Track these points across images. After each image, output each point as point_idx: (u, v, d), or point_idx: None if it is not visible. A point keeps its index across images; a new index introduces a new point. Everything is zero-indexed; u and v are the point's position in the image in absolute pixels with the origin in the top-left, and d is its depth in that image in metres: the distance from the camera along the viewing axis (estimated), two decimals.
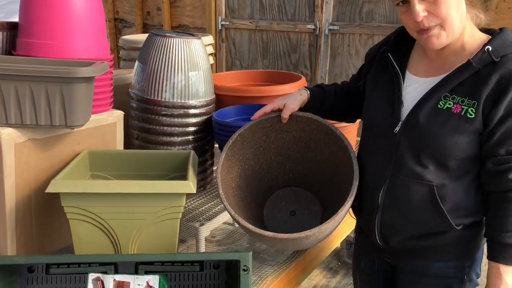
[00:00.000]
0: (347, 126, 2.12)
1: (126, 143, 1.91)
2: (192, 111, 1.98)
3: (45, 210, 1.62)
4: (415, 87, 1.46)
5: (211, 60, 2.50)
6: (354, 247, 1.79)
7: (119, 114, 1.81)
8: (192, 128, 2.00)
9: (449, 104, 1.38)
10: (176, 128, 1.97)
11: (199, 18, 4.60)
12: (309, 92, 1.71)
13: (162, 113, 1.94)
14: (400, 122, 1.44)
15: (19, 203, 1.54)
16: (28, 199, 1.56)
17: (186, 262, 1.41)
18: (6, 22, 1.81)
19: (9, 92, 1.45)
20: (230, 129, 1.85)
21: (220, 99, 2.20)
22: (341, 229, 1.92)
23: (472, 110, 1.35)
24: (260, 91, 2.30)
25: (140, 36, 2.80)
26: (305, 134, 1.72)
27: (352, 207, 1.63)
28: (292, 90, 2.00)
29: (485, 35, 1.42)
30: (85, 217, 1.44)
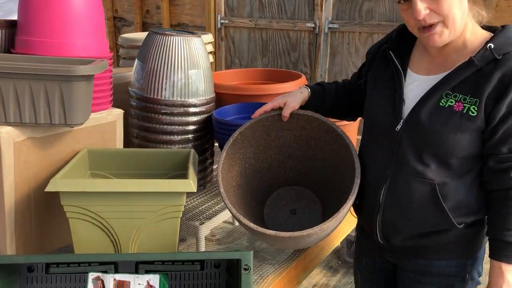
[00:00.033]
0: (347, 125, 2.12)
1: (125, 141, 1.90)
2: (192, 109, 1.97)
3: (44, 209, 1.61)
4: (417, 85, 1.45)
5: (210, 59, 2.49)
6: (355, 245, 1.79)
7: (119, 112, 1.80)
8: (192, 127, 1.99)
9: (451, 102, 1.37)
10: (176, 126, 1.96)
11: (199, 17, 4.59)
12: (309, 90, 1.70)
13: (162, 111, 1.93)
14: (402, 120, 1.44)
15: (19, 202, 1.53)
16: (27, 198, 1.56)
17: (186, 261, 1.40)
18: (5, 20, 1.80)
19: (8, 90, 1.44)
20: (230, 127, 1.84)
21: (220, 97, 2.19)
22: (342, 228, 1.91)
23: (474, 108, 1.35)
24: (260, 89, 2.29)
25: (140, 35, 2.79)
26: (306, 133, 1.71)
27: (353, 206, 1.62)
28: (292, 89, 1.99)
29: (487, 32, 1.41)
30: (85, 216, 1.44)
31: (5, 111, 1.46)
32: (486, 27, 1.44)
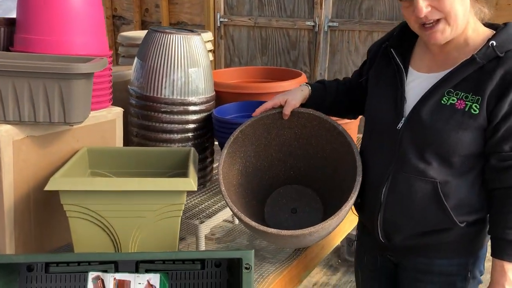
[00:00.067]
0: (348, 123, 2.11)
1: (125, 140, 1.89)
2: (192, 108, 1.96)
3: (44, 208, 1.60)
4: (418, 82, 1.44)
5: (210, 57, 2.49)
6: (356, 244, 1.78)
7: (119, 111, 1.80)
8: (192, 125, 1.98)
9: (453, 100, 1.37)
10: (176, 125, 1.95)
11: (198, 15, 4.58)
12: (310, 88, 1.69)
13: (162, 110, 1.92)
14: (403, 118, 1.43)
15: (18, 201, 1.52)
16: (26, 197, 1.55)
17: (187, 261, 1.39)
18: (4, 18, 1.79)
19: (7, 88, 1.43)
20: (230, 126, 1.84)
21: (220, 96, 2.18)
22: (342, 226, 1.91)
23: (476, 106, 1.34)
24: (260, 88, 2.29)
25: (139, 33, 2.78)
26: (307, 131, 1.70)
27: (355, 204, 1.62)
28: (292, 87, 1.98)
29: (489, 30, 1.41)
30: (85, 215, 1.43)
31: (4, 110, 1.46)
32: (488, 25, 1.43)
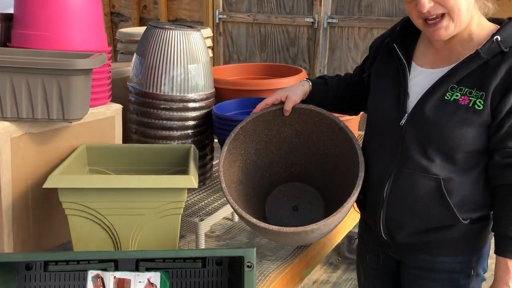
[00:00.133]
0: (349, 119, 2.09)
1: (124, 137, 1.88)
2: (192, 104, 1.94)
3: (42, 206, 1.59)
4: (421, 78, 1.43)
5: (210, 54, 2.47)
6: (358, 241, 1.77)
7: (118, 107, 1.78)
8: (192, 122, 1.97)
9: (456, 96, 1.35)
10: (175, 122, 1.94)
11: (196, 12, 4.55)
12: (311, 84, 1.67)
13: (161, 107, 1.91)
14: (406, 114, 1.42)
15: (16, 199, 1.51)
16: (25, 195, 1.54)
17: (188, 259, 1.38)
18: (1, 13, 1.77)
19: (5, 84, 1.42)
20: (230, 123, 1.82)
21: (220, 92, 2.17)
22: (344, 224, 1.89)
23: (480, 102, 1.32)
24: (260, 84, 2.27)
25: (138, 29, 2.76)
26: (308, 127, 1.69)
27: (357, 201, 1.60)
28: (293, 83, 1.97)
29: (494, 24, 1.39)
30: (84, 213, 1.42)
31: (1, 106, 1.44)
32: (492, 19, 1.42)
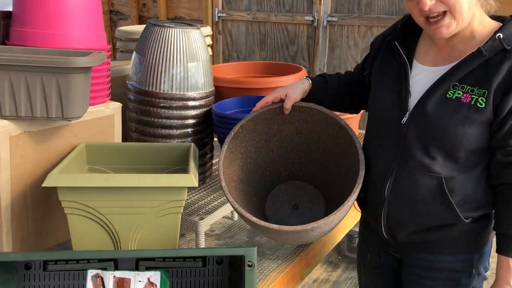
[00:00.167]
0: (349, 118, 2.09)
1: (123, 136, 1.88)
2: (191, 103, 1.94)
3: (41, 205, 1.59)
4: (423, 76, 1.42)
5: (209, 52, 2.46)
6: (359, 240, 1.76)
7: (117, 106, 1.78)
8: (191, 121, 1.96)
9: (458, 94, 1.34)
10: (175, 120, 1.93)
11: (196, 10, 4.54)
12: (310, 82, 1.66)
13: (161, 105, 1.90)
14: (408, 113, 1.41)
15: (15, 198, 1.51)
16: (24, 194, 1.53)
17: (188, 258, 1.37)
18: (0, 11, 1.76)
19: (4, 83, 1.41)
20: (230, 121, 1.82)
21: (220, 91, 2.16)
22: (344, 222, 1.89)
23: (482, 100, 1.32)
24: (260, 82, 2.27)
25: (137, 27, 2.76)
26: (308, 126, 1.68)
27: (358, 200, 1.60)
28: (292, 82, 1.96)
29: (496, 22, 1.38)
30: (84, 212, 1.41)
31: (0, 105, 1.43)
32: (494, 17, 1.41)
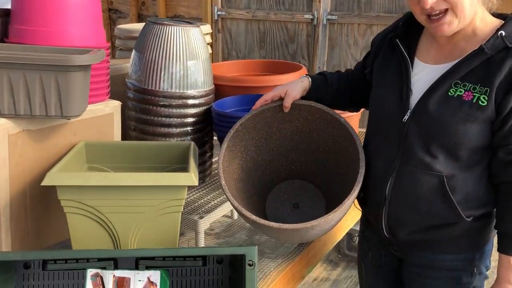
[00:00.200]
0: (349, 116, 2.08)
1: (122, 134, 1.87)
2: (191, 101, 1.93)
3: (41, 204, 1.58)
4: (425, 74, 1.41)
5: (209, 50, 2.45)
6: (360, 238, 1.76)
7: (117, 104, 1.77)
8: (191, 119, 1.95)
9: (460, 92, 1.34)
10: (175, 119, 1.92)
11: (195, 8, 4.53)
12: (310, 80, 1.66)
13: (160, 103, 1.89)
14: (409, 111, 1.40)
15: (14, 197, 1.50)
16: (23, 193, 1.52)
17: (188, 257, 1.36)
18: None
19: (2, 81, 1.40)
20: (230, 120, 1.81)
21: (219, 89, 2.15)
22: (344, 221, 1.88)
23: (484, 98, 1.31)
24: (260, 81, 2.26)
25: (137, 25, 2.75)
26: (308, 124, 1.67)
27: (358, 199, 1.59)
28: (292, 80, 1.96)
29: (498, 20, 1.38)
30: (83, 210, 1.40)
31: None
32: (496, 15, 1.40)
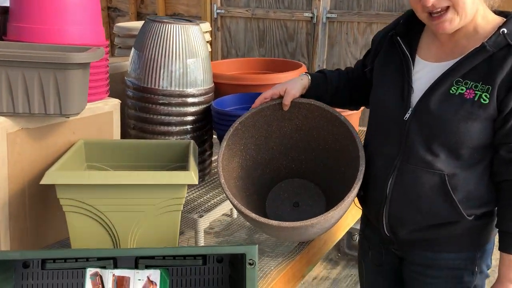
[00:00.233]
0: (349, 115, 2.07)
1: (122, 133, 1.87)
2: (190, 99, 1.92)
3: (40, 203, 1.57)
4: (426, 72, 1.41)
5: (208, 48, 2.44)
6: (360, 237, 1.75)
7: (116, 102, 1.76)
8: (190, 118, 1.94)
9: (462, 90, 1.33)
10: (174, 117, 1.92)
11: (194, 7, 4.52)
12: (310, 78, 1.65)
13: (160, 102, 1.89)
14: (410, 109, 1.39)
15: (13, 195, 1.49)
16: (22, 192, 1.52)
17: (188, 256, 1.35)
18: None
19: (1, 79, 1.40)
20: (229, 118, 1.81)
21: (219, 87, 2.15)
22: (345, 220, 1.88)
23: (486, 96, 1.30)
24: (260, 79, 2.26)
25: (136, 23, 2.74)
26: (308, 122, 1.66)
27: (359, 197, 1.58)
28: None
29: (499, 17, 1.37)
30: (82, 209, 1.40)
31: None
32: (498, 12, 1.39)
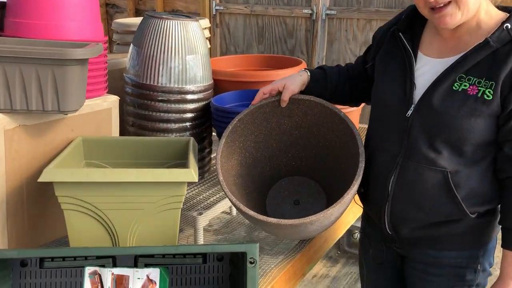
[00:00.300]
0: (349, 111, 2.06)
1: (120, 130, 1.86)
2: (190, 96, 1.91)
3: (38, 201, 1.57)
4: (428, 68, 1.39)
5: (208, 44, 2.42)
6: (361, 235, 1.74)
7: (115, 99, 1.75)
8: (190, 115, 1.93)
9: (465, 86, 1.31)
10: (173, 114, 1.90)
11: (193, 3, 4.50)
12: (309, 74, 1.63)
13: (159, 98, 1.87)
14: (413, 105, 1.38)
15: (10, 193, 1.49)
16: (19, 189, 1.51)
17: (188, 255, 1.34)
18: None
19: None
20: (229, 115, 1.79)
21: (218, 84, 2.13)
22: (345, 218, 1.87)
23: (489, 92, 1.29)
24: (259, 76, 2.24)
25: (134, 19, 2.72)
26: (308, 119, 1.65)
27: (360, 195, 1.57)
28: None
29: (503, 13, 1.36)
30: (81, 207, 1.39)
31: None
32: (501, 8, 1.38)
